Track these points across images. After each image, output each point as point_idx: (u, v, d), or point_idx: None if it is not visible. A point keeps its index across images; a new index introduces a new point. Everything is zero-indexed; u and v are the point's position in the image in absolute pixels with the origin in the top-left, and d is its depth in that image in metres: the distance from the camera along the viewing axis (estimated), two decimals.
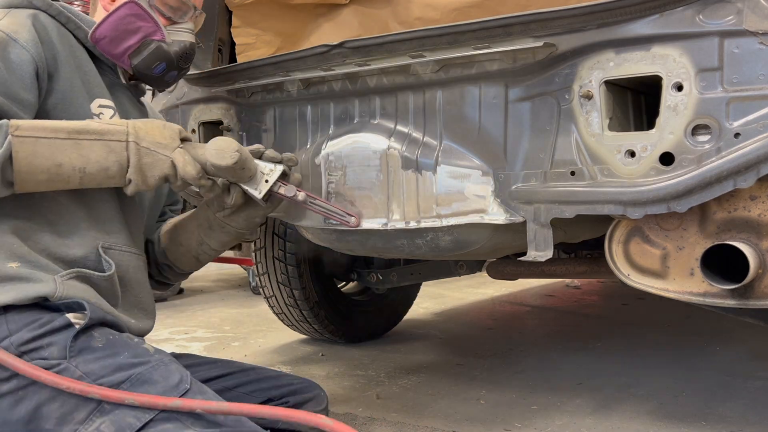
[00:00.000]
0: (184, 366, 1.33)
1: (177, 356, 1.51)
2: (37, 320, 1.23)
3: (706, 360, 2.65)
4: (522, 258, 1.50)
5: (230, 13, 2.09)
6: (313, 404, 1.52)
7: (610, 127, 1.39)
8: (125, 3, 1.43)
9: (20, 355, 1.20)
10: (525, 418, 2.05)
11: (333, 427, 1.10)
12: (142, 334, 1.41)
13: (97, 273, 1.34)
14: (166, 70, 1.49)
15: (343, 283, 3.14)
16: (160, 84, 1.54)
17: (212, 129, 2.06)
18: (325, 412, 1.55)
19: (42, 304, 1.25)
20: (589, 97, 1.39)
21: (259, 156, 1.50)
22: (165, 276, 1.71)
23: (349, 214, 1.64)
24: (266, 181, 1.48)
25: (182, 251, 1.65)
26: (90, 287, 1.32)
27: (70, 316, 1.25)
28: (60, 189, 1.29)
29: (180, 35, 1.50)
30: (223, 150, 1.39)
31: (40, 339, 1.21)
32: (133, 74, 1.50)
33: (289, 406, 1.48)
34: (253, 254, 2.86)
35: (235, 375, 1.52)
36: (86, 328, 1.25)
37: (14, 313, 1.22)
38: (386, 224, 1.63)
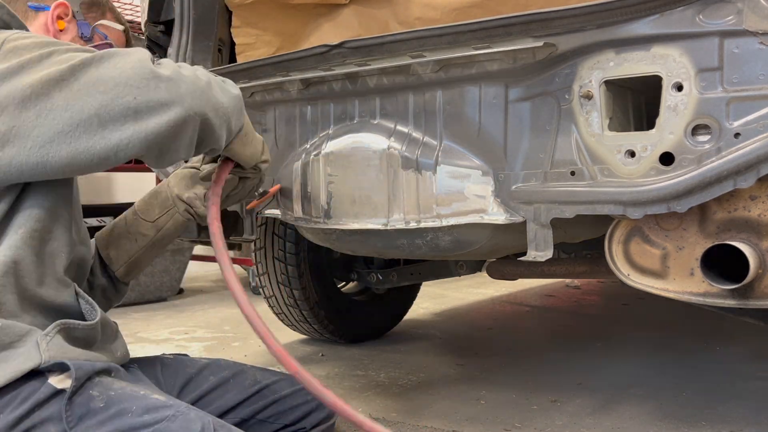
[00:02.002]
0: (192, 375, 1.30)
1: (186, 363, 1.49)
2: (16, 395, 1.05)
3: (706, 360, 2.65)
4: (522, 258, 1.50)
5: (230, 13, 2.09)
6: (327, 427, 1.50)
7: (610, 127, 1.39)
8: (102, 44, 1.49)
9: None
10: (525, 418, 2.05)
11: None
12: (124, 363, 1.31)
13: (81, 323, 1.19)
14: None
15: (343, 283, 3.14)
16: None
17: None
18: (333, 425, 1.54)
19: None
20: (589, 97, 1.39)
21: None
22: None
23: None
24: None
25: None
26: (72, 339, 1.16)
27: (54, 381, 1.08)
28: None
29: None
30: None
31: (28, 417, 1.04)
32: None
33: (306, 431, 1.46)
34: (253, 254, 2.86)
35: (251, 400, 1.43)
36: (78, 388, 1.08)
37: None
38: (386, 224, 1.63)
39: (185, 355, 1.56)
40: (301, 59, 1.70)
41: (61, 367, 1.09)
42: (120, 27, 1.56)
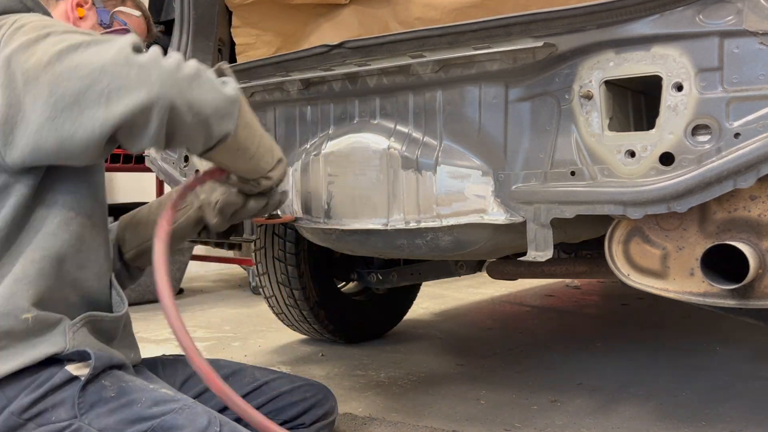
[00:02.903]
0: (191, 373, 1.30)
1: (186, 362, 1.48)
2: (34, 379, 1.11)
3: (706, 360, 2.65)
4: (522, 258, 1.50)
5: (230, 13, 2.09)
6: (327, 424, 1.51)
7: (610, 127, 1.39)
8: (119, 29, 1.48)
9: (25, 423, 1.09)
10: (525, 418, 2.05)
11: None
12: (135, 365, 1.35)
13: (109, 315, 1.24)
14: None
15: (343, 283, 3.14)
16: None
17: None
18: (333, 422, 1.54)
19: None
20: (589, 97, 1.39)
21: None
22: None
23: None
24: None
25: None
26: (96, 331, 1.22)
27: (71, 368, 1.14)
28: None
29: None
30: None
31: (42, 401, 1.10)
32: None
33: (305, 428, 1.46)
34: (253, 254, 2.86)
35: (250, 396, 1.44)
36: (93, 378, 1.13)
37: (8, 376, 1.11)
38: (386, 224, 1.63)
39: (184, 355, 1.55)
40: (301, 59, 1.70)
41: (80, 356, 1.15)
42: (138, 13, 1.56)
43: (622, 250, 1.46)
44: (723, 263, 1.35)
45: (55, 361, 1.14)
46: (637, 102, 1.50)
